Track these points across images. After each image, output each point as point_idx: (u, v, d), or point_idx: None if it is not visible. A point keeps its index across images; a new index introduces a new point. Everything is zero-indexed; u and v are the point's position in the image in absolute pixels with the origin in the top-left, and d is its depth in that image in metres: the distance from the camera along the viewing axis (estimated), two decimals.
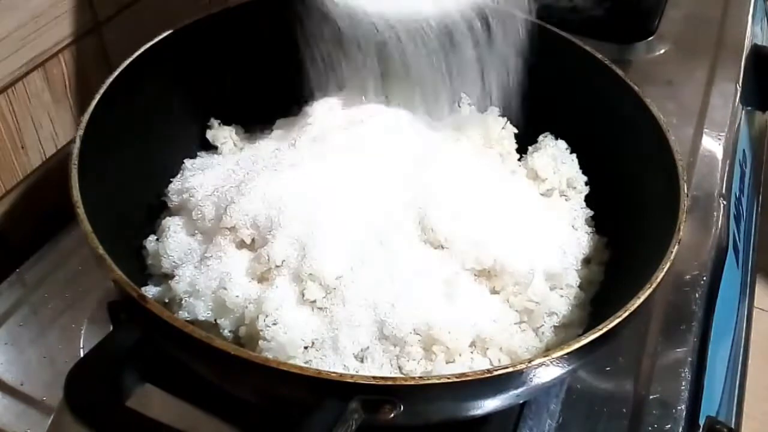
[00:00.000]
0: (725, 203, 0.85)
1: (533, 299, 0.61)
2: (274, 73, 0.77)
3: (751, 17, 1.14)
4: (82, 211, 0.53)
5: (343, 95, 0.76)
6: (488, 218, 0.64)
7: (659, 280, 0.52)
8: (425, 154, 0.69)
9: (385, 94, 0.74)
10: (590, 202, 0.72)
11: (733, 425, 0.81)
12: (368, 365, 0.56)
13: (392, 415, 0.46)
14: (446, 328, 0.56)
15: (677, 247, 0.54)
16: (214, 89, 0.74)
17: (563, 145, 0.74)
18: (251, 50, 0.75)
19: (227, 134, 0.74)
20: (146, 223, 0.67)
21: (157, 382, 0.57)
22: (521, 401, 0.62)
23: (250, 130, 0.77)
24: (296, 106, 0.77)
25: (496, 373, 0.46)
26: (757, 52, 1.12)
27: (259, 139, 0.77)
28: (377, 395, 0.45)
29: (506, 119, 0.76)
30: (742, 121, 1.01)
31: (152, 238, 0.65)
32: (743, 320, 0.95)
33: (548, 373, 0.49)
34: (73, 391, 0.46)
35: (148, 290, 0.61)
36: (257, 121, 0.78)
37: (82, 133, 0.58)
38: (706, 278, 0.76)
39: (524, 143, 0.76)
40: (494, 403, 0.53)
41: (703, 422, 0.66)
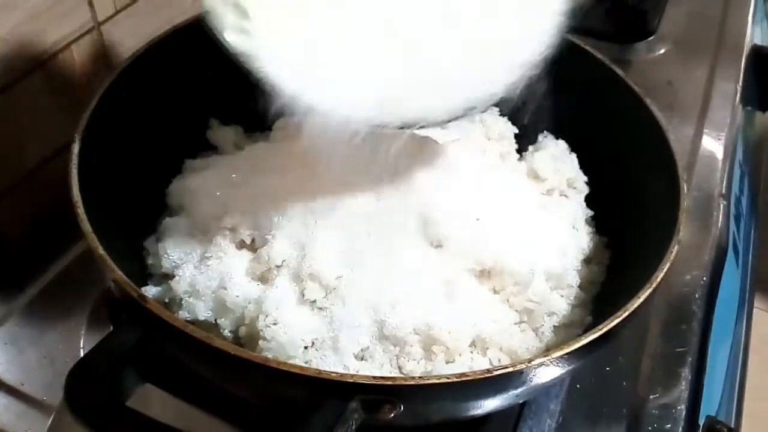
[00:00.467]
0: (725, 203, 0.85)
1: (533, 299, 0.61)
2: None
3: (751, 17, 1.15)
4: (82, 211, 0.53)
5: None
6: (488, 218, 0.64)
7: (659, 280, 0.52)
8: (425, 153, 0.69)
9: None
10: (590, 202, 0.72)
11: (732, 425, 0.81)
12: (368, 365, 0.56)
13: (392, 415, 0.46)
14: (446, 328, 0.56)
15: (677, 247, 0.54)
16: (214, 89, 0.74)
17: (563, 145, 0.74)
18: None
19: (227, 134, 0.74)
20: (146, 223, 0.67)
21: (157, 382, 0.57)
22: (521, 401, 0.62)
23: (250, 130, 0.77)
24: (296, 106, 0.77)
25: (496, 373, 0.46)
26: (757, 52, 1.12)
27: (259, 139, 0.77)
28: (377, 395, 0.45)
29: (506, 119, 0.76)
30: (742, 121, 1.01)
31: (152, 238, 0.65)
32: (743, 320, 0.95)
33: (548, 373, 0.49)
34: (73, 391, 0.46)
35: (148, 290, 0.61)
36: (257, 121, 0.78)
37: (82, 133, 0.58)
38: (706, 278, 0.76)
39: (524, 143, 0.76)
40: (494, 403, 0.53)
41: (702, 422, 0.66)
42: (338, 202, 0.62)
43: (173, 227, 0.63)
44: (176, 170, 0.69)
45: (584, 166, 0.73)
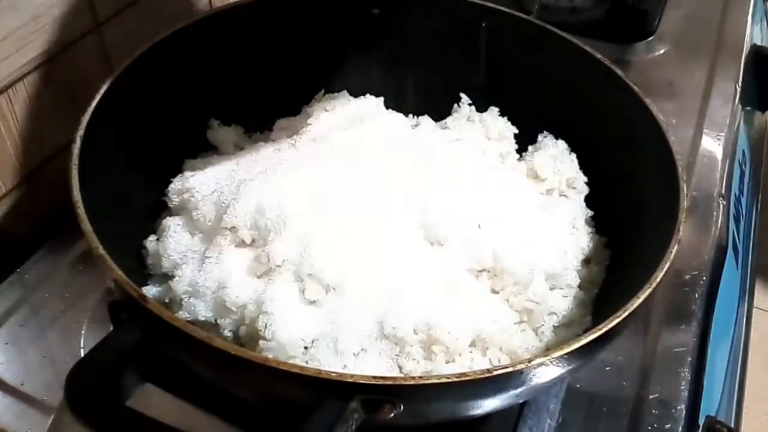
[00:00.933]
0: (725, 203, 0.85)
1: (533, 299, 0.61)
2: (274, 73, 0.77)
3: (751, 17, 1.15)
4: (82, 211, 0.53)
5: (343, 95, 0.76)
6: (488, 218, 0.64)
7: (659, 280, 0.52)
8: (425, 153, 0.69)
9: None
10: (590, 202, 0.72)
11: (732, 425, 0.81)
12: (368, 365, 0.56)
13: (392, 414, 0.46)
14: (446, 327, 0.56)
15: (677, 247, 0.54)
16: (214, 89, 0.74)
17: (563, 145, 0.74)
18: (251, 50, 0.75)
19: (227, 134, 0.74)
20: (146, 223, 0.67)
21: (157, 382, 0.57)
22: (521, 401, 0.62)
23: (250, 130, 0.77)
24: (296, 106, 0.78)
25: (496, 373, 0.46)
26: (757, 52, 1.12)
27: (259, 139, 0.77)
28: (377, 395, 0.45)
29: (506, 119, 0.76)
30: (742, 121, 1.01)
31: (152, 238, 0.65)
32: (743, 320, 0.95)
33: (548, 373, 0.49)
34: (73, 391, 0.46)
35: (148, 290, 0.61)
36: (257, 121, 0.78)
37: (82, 133, 0.58)
38: (705, 278, 0.76)
39: (524, 143, 0.76)
40: (494, 402, 0.53)
41: (702, 422, 0.66)
42: (339, 201, 0.62)
43: (173, 227, 0.63)
44: (176, 170, 0.69)
45: (584, 166, 0.73)
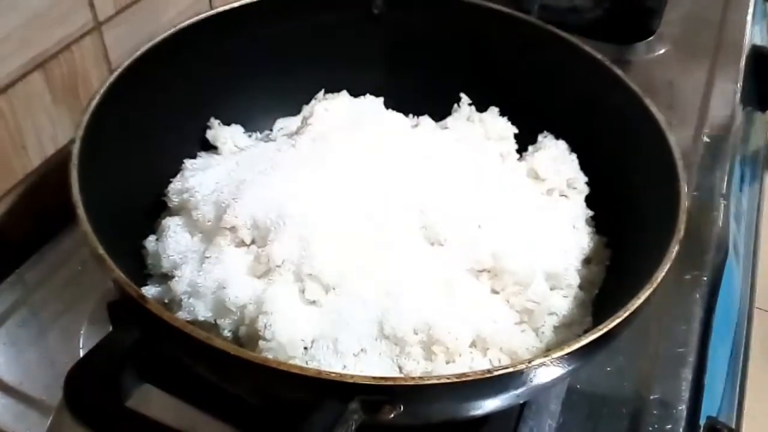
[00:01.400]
0: (725, 203, 0.85)
1: (533, 299, 0.61)
2: (274, 73, 0.77)
3: (751, 18, 1.15)
4: (82, 211, 0.53)
5: (343, 95, 0.76)
6: (488, 218, 0.64)
7: (659, 280, 0.52)
8: (425, 153, 0.69)
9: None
10: (590, 202, 0.72)
11: (733, 425, 0.81)
12: (368, 365, 0.56)
13: (392, 415, 0.46)
14: (446, 328, 0.56)
15: (677, 247, 0.54)
16: (214, 89, 0.74)
17: (563, 145, 0.74)
18: (251, 50, 0.75)
19: (227, 134, 0.74)
20: (146, 223, 0.67)
21: (157, 382, 0.57)
22: (521, 401, 0.62)
23: (250, 130, 0.77)
24: (296, 106, 0.78)
25: (496, 373, 0.46)
26: (757, 52, 1.12)
27: (259, 139, 0.77)
28: (377, 395, 0.45)
29: (506, 119, 0.76)
30: (742, 121, 1.01)
31: (152, 238, 0.65)
32: (743, 320, 0.95)
33: (548, 373, 0.49)
34: (72, 391, 0.46)
35: (148, 290, 0.61)
36: (257, 121, 0.78)
37: (82, 133, 0.58)
38: (706, 278, 0.75)
39: (524, 143, 0.76)
40: (494, 403, 0.53)
41: (703, 422, 0.66)
42: (339, 201, 0.62)
43: (173, 227, 0.63)
44: (176, 170, 0.69)
45: (584, 166, 0.73)
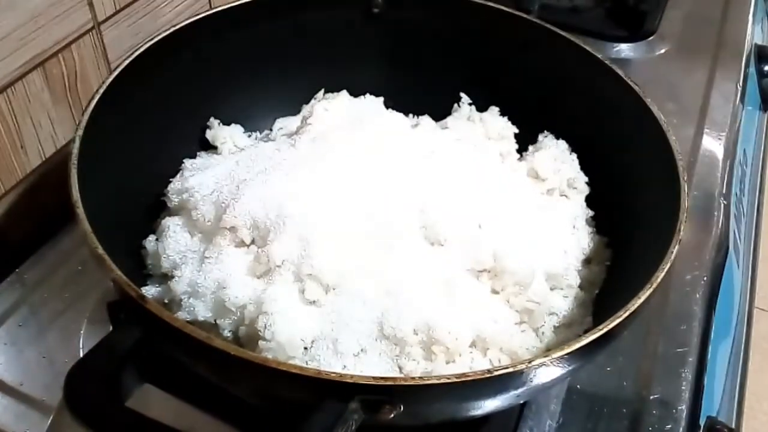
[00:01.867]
0: (725, 203, 0.85)
1: (534, 299, 0.61)
2: (274, 73, 0.77)
3: (751, 17, 1.15)
4: (81, 211, 0.53)
5: (343, 95, 0.76)
6: (488, 218, 0.64)
7: (659, 280, 0.52)
8: (425, 153, 0.69)
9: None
10: (590, 202, 0.72)
11: (733, 425, 0.81)
12: (368, 365, 0.56)
13: (392, 415, 0.46)
14: (446, 328, 0.56)
15: (677, 247, 0.54)
16: (214, 89, 0.74)
17: (564, 145, 0.74)
18: (251, 50, 0.75)
19: (227, 134, 0.74)
20: (146, 223, 0.67)
21: (157, 382, 0.57)
22: (521, 401, 0.62)
23: (249, 130, 0.77)
24: (296, 106, 0.77)
25: (496, 373, 0.46)
26: (759, 51, 1.12)
27: (259, 139, 0.77)
28: (377, 395, 0.45)
29: (506, 119, 0.76)
30: (742, 121, 1.01)
31: (152, 238, 0.64)
32: (743, 320, 0.95)
33: (548, 373, 0.49)
34: (72, 391, 0.46)
35: (147, 290, 0.61)
36: (257, 121, 0.78)
37: (81, 133, 0.58)
38: (706, 278, 0.75)
39: (524, 143, 0.76)
40: (494, 403, 0.53)
41: (703, 422, 0.66)
42: (339, 201, 0.62)
43: (173, 227, 0.63)
44: (176, 170, 0.69)
45: (584, 166, 0.73)
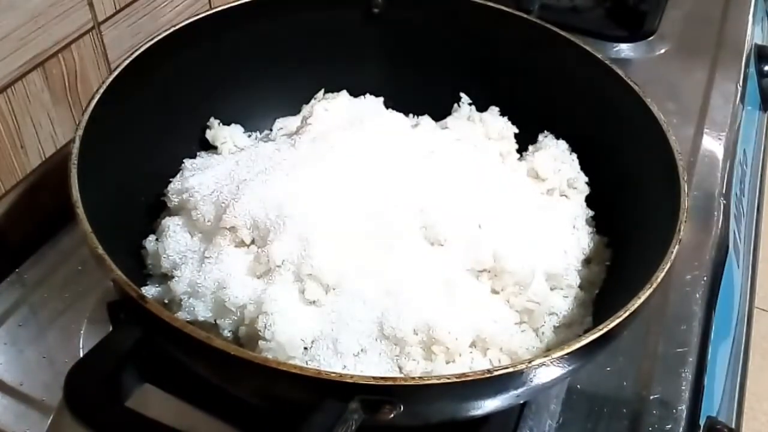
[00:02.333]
0: (725, 203, 0.85)
1: (534, 299, 0.61)
2: (274, 73, 0.77)
3: (751, 17, 1.15)
4: (81, 211, 0.53)
5: (343, 95, 0.76)
6: (488, 218, 0.64)
7: (660, 280, 0.52)
8: (425, 153, 0.69)
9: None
10: (591, 202, 0.72)
11: (733, 425, 0.81)
12: (368, 365, 0.56)
13: (392, 415, 0.46)
14: (446, 328, 0.56)
15: (677, 247, 0.54)
16: (214, 89, 0.74)
17: (564, 145, 0.74)
18: (251, 50, 0.75)
19: (227, 134, 0.74)
20: (146, 223, 0.67)
21: (157, 382, 0.57)
22: (521, 401, 0.62)
23: (249, 130, 0.77)
24: (296, 106, 0.77)
25: (496, 373, 0.46)
26: (757, 52, 1.12)
27: (259, 139, 0.77)
28: (377, 395, 0.45)
29: (506, 119, 0.76)
30: (742, 121, 1.01)
31: (152, 238, 0.64)
32: (743, 320, 0.95)
33: (548, 373, 0.49)
34: (72, 391, 0.46)
35: (147, 290, 0.61)
36: (257, 121, 0.78)
37: (81, 133, 0.58)
38: (706, 278, 0.75)
39: (524, 143, 0.76)
40: (494, 403, 0.53)
41: (703, 422, 0.66)
42: (339, 201, 0.62)
43: (173, 227, 0.63)
44: (176, 170, 0.69)
45: (584, 166, 0.73)
